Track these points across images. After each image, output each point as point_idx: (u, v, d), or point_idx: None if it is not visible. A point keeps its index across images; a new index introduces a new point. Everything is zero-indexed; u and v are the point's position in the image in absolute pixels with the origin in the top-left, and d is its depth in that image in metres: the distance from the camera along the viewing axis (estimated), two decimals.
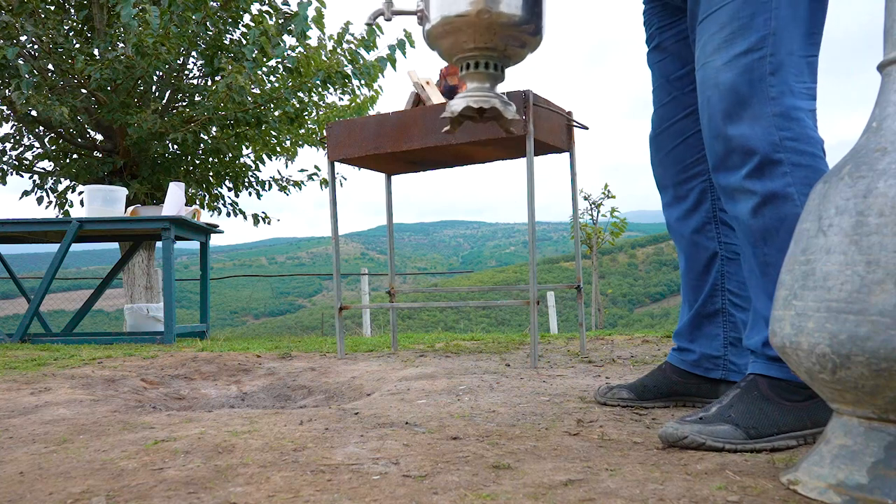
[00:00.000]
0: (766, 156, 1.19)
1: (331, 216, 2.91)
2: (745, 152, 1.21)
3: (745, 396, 1.21)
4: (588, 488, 0.95)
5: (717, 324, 1.57)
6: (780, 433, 1.17)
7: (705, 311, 1.58)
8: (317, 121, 8.06)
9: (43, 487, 1.02)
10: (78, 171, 7.26)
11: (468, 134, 2.46)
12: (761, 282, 1.26)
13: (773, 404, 1.19)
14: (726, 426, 1.15)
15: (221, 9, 6.79)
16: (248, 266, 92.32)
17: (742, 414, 1.17)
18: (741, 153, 1.21)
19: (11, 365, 2.57)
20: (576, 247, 2.97)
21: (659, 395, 1.59)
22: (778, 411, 1.18)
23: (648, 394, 1.59)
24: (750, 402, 1.19)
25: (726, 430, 1.15)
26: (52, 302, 11.71)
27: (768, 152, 1.18)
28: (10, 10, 6.24)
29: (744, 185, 1.22)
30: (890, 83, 0.92)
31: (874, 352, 0.81)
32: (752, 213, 1.23)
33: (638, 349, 2.97)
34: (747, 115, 1.20)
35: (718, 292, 1.57)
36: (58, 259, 4.10)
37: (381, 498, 0.93)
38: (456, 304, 2.96)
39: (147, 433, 1.38)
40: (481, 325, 24.09)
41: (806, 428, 1.19)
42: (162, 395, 2.18)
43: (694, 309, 1.60)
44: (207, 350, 3.08)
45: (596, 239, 9.98)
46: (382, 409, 1.62)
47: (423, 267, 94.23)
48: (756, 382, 1.23)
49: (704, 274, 1.58)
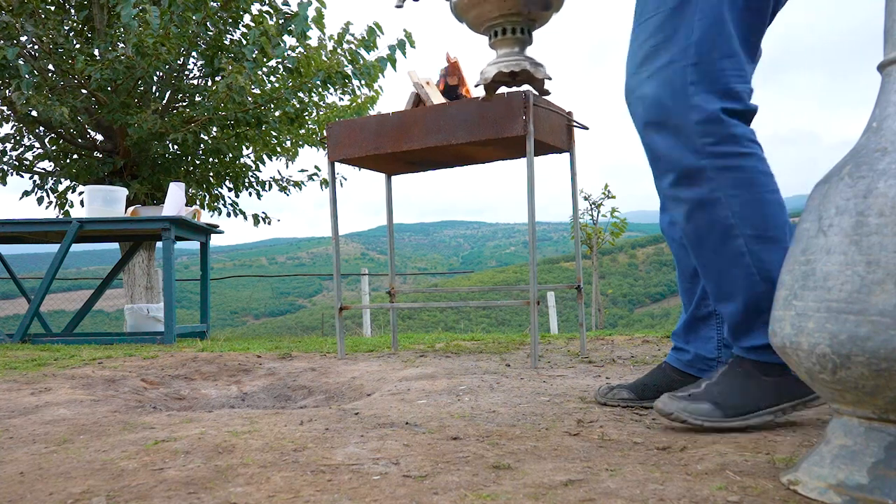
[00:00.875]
0: (689, 165, 1.23)
1: (331, 216, 2.91)
2: (669, 162, 1.25)
3: (730, 372, 1.29)
4: (588, 488, 0.95)
5: (711, 326, 1.58)
6: (758, 410, 1.25)
7: (699, 313, 1.60)
8: (317, 121, 8.06)
9: (43, 487, 1.02)
10: (78, 172, 7.26)
11: (468, 134, 2.46)
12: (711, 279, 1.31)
13: (754, 381, 1.26)
14: (707, 405, 1.24)
15: (221, 9, 6.79)
16: (248, 266, 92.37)
17: (724, 393, 1.25)
18: (666, 163, 1.26)
19: (12, 365, 2.57)
20: (576, 247, 2.97)
21: (659, 394, 1.59)
22: (758, 389, 1.25)
23: (649, 392, 1.59)
24: (733, 378, 1.27)
25: (706, 409, 1.24)
26: (53, 302, 11.72)
27: (690, 161, 1.22)
28: (11, 10, 6.25)
29: (673, 193, 1.27)
30: (890, 83, 0.92)
31: (874, 352, 0.81)
32: (685, 219, 1.28)
33: (638, 349, 2.97)
34: (671, 126, 1.23)
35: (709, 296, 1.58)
36: (58, 259, 4.10)
37: (382, 498, 0.93)
38: (456, 305, 2.96)
39: (147, 433, 1.38)
40: (481, 325, 24.09)
41: (783, 402, 1.25)
42: (162, 396, 2.18)
43: (689, 312, 1.62)
44: (208, 350, 3.08)
45: (596, 239, 9.98)
46: (383, 409, 1.62)
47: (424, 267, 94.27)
48: (740, 361, 1.30)
49: (695, 277, 1.59)
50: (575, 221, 3.01)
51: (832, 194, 0.91)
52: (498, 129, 2.40)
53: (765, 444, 1.18)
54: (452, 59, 2.75)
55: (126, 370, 2.44)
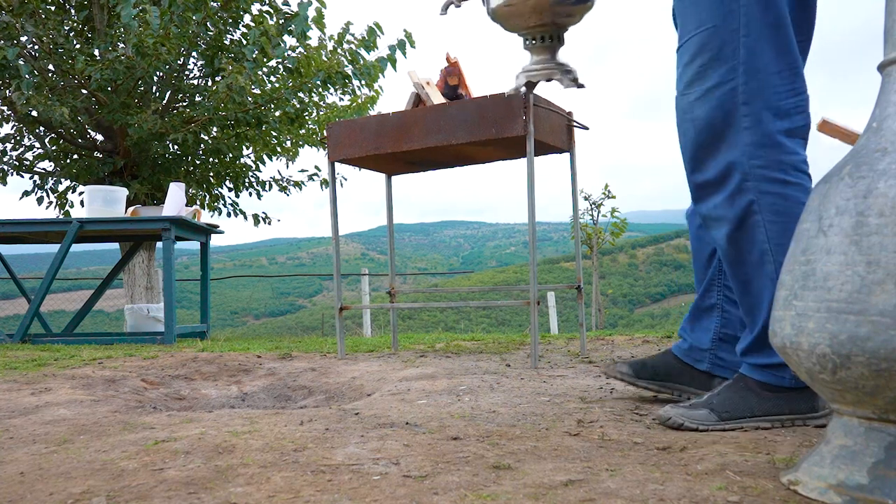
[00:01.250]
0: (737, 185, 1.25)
1: (331, 216, 2.91)
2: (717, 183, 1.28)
3: (732, 387, 1.34)
4: (588, 488, 0.95)
5: (712, 318, 1.62)
6: (753, 417, 1.29)
7: (702, 304, 1.64)
8: (317, 121, 8.06)
9: (43, 488, 1.02)
10: (78, 172, 7.26)
11: (468, 134, 2.46)
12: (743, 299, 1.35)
13: (752, 393, 1.31)
14: (704, 410, 1.30)
15: (222, 9, 6.79)
16: (248, 266, 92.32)
17: (721, 401, 1.31)
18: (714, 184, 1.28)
19: (12, 365, 2.57)
20: (576, 247, 2.97)
21: (655, 377, 1.64)
22: (756, 399, 1.30)
23: (645, 373, 1.64)
24: (735, 391, 1.32)
25: (702, 414, 1.30)
26: (53, 302, 11.71)
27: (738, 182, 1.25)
28: (11, 10, 6.24)
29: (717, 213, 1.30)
30: (890, 83, 0.92)
31: (874, 352, 0.81)
32: (726, 240, 1.30)
33: (638, 349, 2.97)
34: (722, 148, 1.25)
35: (714, 288, 1.62)
36: (58, 259, 4.10)
37: (382, 498, 0.93)
38: (456, 305, 2.96)
39: (147, 433, 1.38)
40: (482, 325, 24.08)
41: (783, 414, 1.29)
42: (162, 396, 2.18)
43: (694, 301, 1.66)
44: (208, 350, 3.08)
45: (596, 239, 9.98)
46: (383, 409, 1.62)
47: (424, 267, 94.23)
48: (743, 378, 1.35)
49: (705, 269, 1.64)
50: (575, 221, 3.01)
51: (832, 194, 0.91)
52: (498, 129, 2.40)
53: (765, 444, 1.18)
54: (453, 59, 2.75)
55: (126, 370, 2.44)
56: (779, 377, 1.30)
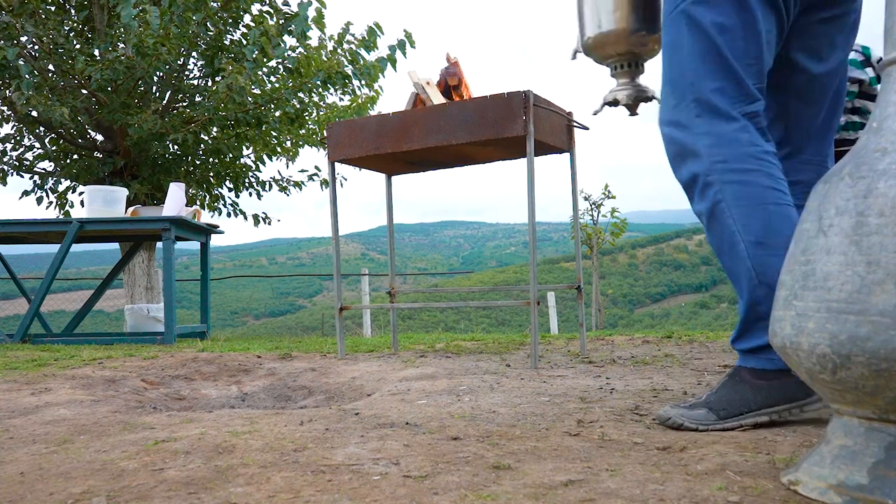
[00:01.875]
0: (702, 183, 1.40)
1: (331, 216, 2.91)
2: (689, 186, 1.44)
3: (728, 383, 1.38)
4: (588, 488, 0.95)
5: None
6: (751, 412, 1.32)
7: None
8: (317, 121, 8.06)
9: (43, 488, 1.02)
10: (78, 172, 7.26)
11: (468, 134, 2.46)
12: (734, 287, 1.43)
13: (747, 385, 1.35)
14: (702, 410, 1.34)
15: (222, 9, 6.79)
16: (248, 266, 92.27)
17: (718, 399, 1.35)
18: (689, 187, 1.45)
19: (12, 365, 2.57)
20: (576, 247, 2.97)
21: None
22: (751, 392, 1.34)
23: None
24: (729, 387, 1.37)
25: (701, 413, 1.33)
26: (53, 302, 11.71)
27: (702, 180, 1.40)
28: (11, 10, 6.24)
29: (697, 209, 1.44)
30: (890, 83, 0.92)
31: (874, 352, 0.81)
32: (707, 233, 1.44)
33: (638, 349, 2.97)
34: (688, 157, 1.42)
35: None
36: (58, 259, 4.10)
37: (382, 498, 0.93)
38: (456, 305, 2.96)
39: (147, 433, 1.38)
40: (482, 325, 24.08)
41: (778, 404, 1.32)
42: (162, 396, 2.18)
43: None
44: (208, 350, 3.08)
45: (596, 239, 9.99)
46: (383, 409, 1.62)
47: (424, 267, 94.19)
48: (738, 371, 1.39)
49: None
50: (575, 221, 3.01)
51: (832, 195, 0.91)
52: (498, 129, 2.40)
53: (765, 444, 1.18)
54: (453, 60, 2.75)
55: (126, 370, 2.44)
56: (767, 360, 1.34)
